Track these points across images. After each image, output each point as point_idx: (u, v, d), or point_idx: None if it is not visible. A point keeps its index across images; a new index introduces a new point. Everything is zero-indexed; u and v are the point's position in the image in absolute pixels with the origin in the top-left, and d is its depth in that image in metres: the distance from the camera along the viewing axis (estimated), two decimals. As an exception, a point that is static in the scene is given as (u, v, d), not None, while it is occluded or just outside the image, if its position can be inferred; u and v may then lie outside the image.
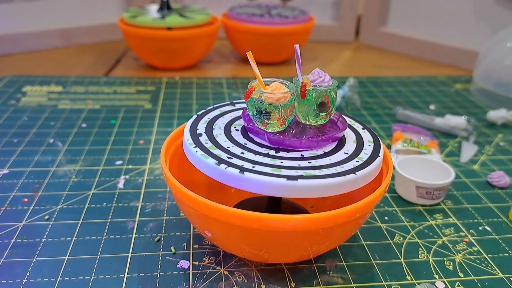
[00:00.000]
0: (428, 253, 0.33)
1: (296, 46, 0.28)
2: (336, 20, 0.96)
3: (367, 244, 0.34)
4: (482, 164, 0.46)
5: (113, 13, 0.90)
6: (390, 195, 0.40)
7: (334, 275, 0.30)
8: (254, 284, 0.30)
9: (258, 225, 0.24)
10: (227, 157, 0.26)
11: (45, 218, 0.35)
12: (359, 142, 0.29)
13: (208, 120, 0.31)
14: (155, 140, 0.49)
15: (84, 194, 0.39)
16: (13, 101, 0.58)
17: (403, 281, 0.30)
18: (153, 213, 0.36)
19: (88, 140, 0.48)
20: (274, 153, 0.27)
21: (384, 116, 0.58)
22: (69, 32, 0.85)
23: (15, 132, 0.49)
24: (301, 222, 0.24)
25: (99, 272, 0.30)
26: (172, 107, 0.58)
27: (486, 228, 0.36)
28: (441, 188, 0.38)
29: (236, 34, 0.76)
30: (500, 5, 0.76)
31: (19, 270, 0.30)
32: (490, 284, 0.30)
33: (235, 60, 0.81)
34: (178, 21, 0.68)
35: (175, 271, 0.30)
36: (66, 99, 0.59)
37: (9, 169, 0.42)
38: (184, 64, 0.74)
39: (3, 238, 0.33)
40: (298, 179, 0.24)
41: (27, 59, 0.77)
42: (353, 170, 0.25)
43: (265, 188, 0.24)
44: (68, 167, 0.43)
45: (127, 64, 0.76)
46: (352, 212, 0.25)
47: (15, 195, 0.38)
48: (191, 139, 0.28)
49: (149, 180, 0.41)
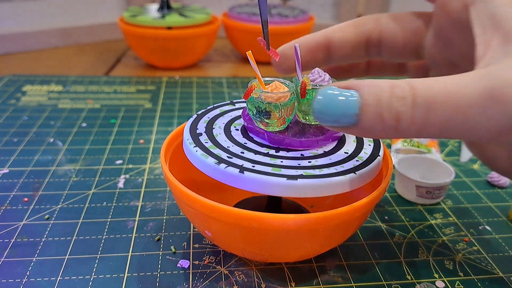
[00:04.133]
0: (428, 253, 0.33)
1: (296, 46, 0.28)
2: (336, 19, 0.96)
3: (367, 243, 0.34)
4: (482, 164, 0.46)
5: (113, 13, 0.90)
6: (390, 195, 0.40)
7: (334, 275, 0.31)
8: (254, 283, 0.30)
9: (258, 224, 0.24)
10: (227, 157, 0.26)
11: (45, 218, 0.35)
12: (359, 141, 0.29)
13: (208, 119, 0.31)
14: (155, 139, 0.49)
15: (84, 194, 0.39)
16: (13, 100, 0.58)
17: (403, 280, 0.30)
18: (153, 213, 0.36)
19: (88, 139, 0.48)
20: (274, 152, 0.27)
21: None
22: (69, 32, 0.85)
23: (15, 131, 0.49)
24: (301, 222, 0.24)
25: (99, 271, 0.30)
26: (172, 107, 0.58)
27: (486, 227, 0.36)
28: (441, 188, 0.38)
29: (236, 33, 0.76)
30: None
31: (19, 269, 0.30)
32: (490, 283, 0.30)
33: (235, 60, 0.81)
34: (178, 20, 0.68)
35: (175, 271, 0.30)
36: (66, 99, 0.59)
37: (9, 169, 0.42)
38: (184, 64, 0.74)
39: (3, 237, 0.33)
40: (298, 179, 0.24)
41: (27, 58, 0.77)
42: (353, 170, 0.25)
43: (265, 188, 0.24)
44: (68, 166, 0.43)
45: (127, 64, 0.76)
46: (352, 212, 0.25)
47: (15, 194, 0.38)
48: (191, 139, 0.28)
49: (149, 179, 0.41)
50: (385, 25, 0.27)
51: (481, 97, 0.18)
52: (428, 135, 0.19)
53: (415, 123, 0.19)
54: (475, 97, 0.18)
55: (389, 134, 0.20)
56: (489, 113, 0.18)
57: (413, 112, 0.19)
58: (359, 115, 0.20)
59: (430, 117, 0.19)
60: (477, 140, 0.19)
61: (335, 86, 0.21)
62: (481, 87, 0.18)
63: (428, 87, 0.19)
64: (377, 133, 0.20)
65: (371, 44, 0.28)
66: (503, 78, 0.18)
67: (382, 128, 0.20)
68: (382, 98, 0.19)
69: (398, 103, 0.19)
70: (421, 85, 0.19)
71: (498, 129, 0.18)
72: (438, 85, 0.19)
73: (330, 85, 0.21)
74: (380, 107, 0.19)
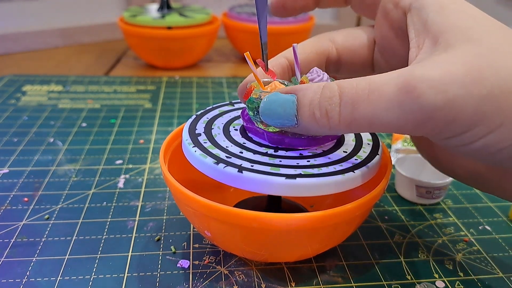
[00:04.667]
0: (428, 253, 0.33)
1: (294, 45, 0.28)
2: (336, 19, 0.96)
3: (367, 243, 0.34)
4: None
5: (113, 13, 0.90)
6: (390, 195, 0.40)
7: (334, 275, 0.30)
8: (254, 283, 0.30)
9: (258, 224, 0.24)
10: (225, 157, 0.26)
11: (45, 218, 0.35)
12: (358, 140, 0.29)
13: (207, 120, 0.31)
14: (155, 139, 0.49)
15: (84, 194, 0.39)
16: (13, 100, 0.58)
17: (403, 280, 0.30)
18: (153, 213, 0.36)
19: (88, 139, 0.48)
20: (273, 152, 0.27)
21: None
22: (69, 32, 0.85)
23: (15, 131, 0.49)
24: (301, 221, 0.24)
25: (99, 271, 0.30)
26: (172, 107, 0.58)
27: (486, 227, 0.36)
28: (441, 187, 0.38)
29: (236, 33, 0.76)
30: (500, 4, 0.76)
31: (19, 269, 0.30)
32: (490, 283, 0.30)
33: (235, 60, 0.81)
34: (178, 20, 0.68)
35: (175, 271, 0.30)
36: (66, 99, 0.59)
37: (9, 169, 0.42)
38: (184, 64, 0.74)
39: (3, 237, 0.33)
40: (297, 178, 0.24)
41: (27, 58, 0.77)
42: (352, 169, 0.25)
43: (264, 187, 0.24)
44: (68, 166, 0.43)
45: (127, 64, 0.76)
46: (352, 210, 0.25)
47: (15, 194, 0.38)
48: (189, 139, 0.28)
49: (149, 179, 0.41)
50: (342, 43, 0.29)
51: (398, 93, 0.19)
52: (358, 130, 0.21)
53: (343, 120, 0.21)
54: (393, 92, 0.19)
55: (325, 131, 0.22)
56: (405, 108, 0.19)
57: (340, 110, 0.21)
58: (297, 116, 0.22)
59: (355, 113, 0.20)
60: (403, 133, 0.21)
61: (278, 91, 0.23)
62: (399, 83, 0.19)
63: (353, 86, 0.21)
64: (314, 130, 0.22)
65: (330, 62, 0.30)
66: (416, 74, 0.19)
67: (317, 126, 0.22)
68: (313, 99, 0.21)
69: (326, 102, 0.21)
70: (348, 84, 0.21)
71: (415, 122, 0.20)
72: (363, 83, 0.20)
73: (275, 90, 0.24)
74: (312, 107, 0.21)
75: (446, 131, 0.20)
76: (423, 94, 0.19)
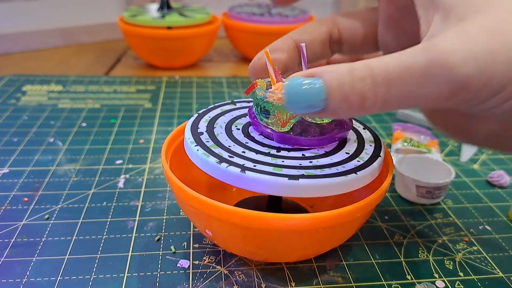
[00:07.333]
0: (428, 253, 0.33)
1: (302, 45, 0.28)
2: (336, 19, 0.96)
3: (367, 243, 0.34)
4: (482, 163, 0.46)
5: (113, 12, 0.90)
6: (390, 195, 0.40)
7: (334, 275, 0.30)
8: (254, 283, 0.30)
9: (259, 224, 0.24)
10: (228, 156, 0.26)
11: (45, 218, 0.35)
12: (360, 142, 0.29)
13: (209, 118, 0.31)
14: (155, 139, 0.49)
15: (84, 194, 0.38)
16: (13, 100, 0.58)
17: (403, 280, 0.30)
18: (153, 212, 0.36)
19: (88, 139, 0.48)
20: (275, 152, 0.27)
21: (384, 115, 0.58)
22: (69, 32, 0.85)
23: (15, 131, 0.49)
24: (302, 222, 0.24)
25: (99, 271, 0.30)
26: (172, 106, 0.58)
27: (486, 227, 0.36)
28: (441, 187, 0.38)
29: (236, 33, 0.76)
30: None
31: (19, 269, 0.30)
32: (490, 283, 0.30)
33: (235, 60, 0.81)
34: (178, 20, 0.68)
35: (175, 270, 0.30)
36: (66, 98, 0.59)
37: (9, 168, 0.42)
38: (184, 63, 0.74)
39: (3, 237, 0.33)
40: (300, 179, 0.24)
41: (27, 58, 0.77)
42: (354, 170, 0.25)
43: (266, 187, 0.24)
44: (68, 166, 0.43)
45: (127, 63, 0.76)
46: (353, 212, 0.25)
47: (15, 194, 0.38)
48: (192, 138, 0.28)
49: (149, 179, 0.41)
50: (343, 23, 0.30)
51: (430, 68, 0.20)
52: (391, 108, 0.21)
53: (380, 100, 0.21)
54: (424, 67, 0.20)
55: (355, 113, 0.22)
56: (439, 80, 0.20)
57: (375, 90, 0.20)
58: (326, 99, 0.21)
59: (391, 91, 0.20)
60: (434, 106, 0.21)
61: (298, 75, 0.22)
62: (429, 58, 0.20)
63: (384, 66, 0.20)
64: (344, 113, 0.22)
65: (333, 41, 0.30)
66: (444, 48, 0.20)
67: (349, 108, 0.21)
68: (344, 81, 0.21)
69: (360, 83, 0.21)
70: (376, 63, 0.21)
71: (449, 93, 0.20)
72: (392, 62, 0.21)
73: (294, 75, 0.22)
74: (344, 89, 0.21)
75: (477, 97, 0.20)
76: (456, 66, 0.19)
